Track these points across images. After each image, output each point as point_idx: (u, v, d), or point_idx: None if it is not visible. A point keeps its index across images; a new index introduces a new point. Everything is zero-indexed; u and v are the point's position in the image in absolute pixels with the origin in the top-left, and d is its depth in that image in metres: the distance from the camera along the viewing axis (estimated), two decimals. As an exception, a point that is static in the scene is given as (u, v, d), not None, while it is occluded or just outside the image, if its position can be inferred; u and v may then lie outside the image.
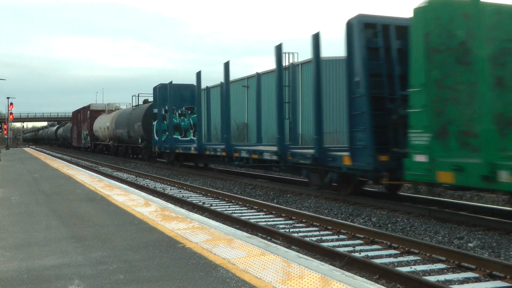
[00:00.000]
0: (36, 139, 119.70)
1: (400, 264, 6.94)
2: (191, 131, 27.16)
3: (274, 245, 5.92)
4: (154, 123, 27.28)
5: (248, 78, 44.80)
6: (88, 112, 47.83)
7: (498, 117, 8.52)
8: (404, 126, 10.36)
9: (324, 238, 8.60)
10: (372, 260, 6.93)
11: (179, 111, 27.08)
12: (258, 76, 23.47)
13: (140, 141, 31.00)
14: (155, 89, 27.42)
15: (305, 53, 41.31)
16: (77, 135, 55.13)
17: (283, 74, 16.20)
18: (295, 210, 11.02)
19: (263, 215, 11.22)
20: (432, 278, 6.14)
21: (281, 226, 9.72)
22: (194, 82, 24.09)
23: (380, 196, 12.98)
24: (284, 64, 16.49)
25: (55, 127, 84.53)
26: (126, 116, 34.42)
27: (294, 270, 4.62)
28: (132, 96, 35.64)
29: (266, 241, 6.11)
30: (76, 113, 57.22)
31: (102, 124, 41.86)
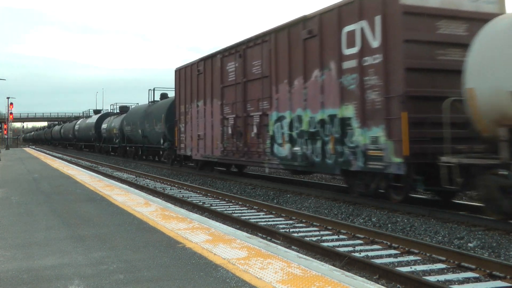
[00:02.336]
0: (42, 139, 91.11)
1: (400, 264, 6.94)
2: None
3: (274, 245, 5.92)
4: None
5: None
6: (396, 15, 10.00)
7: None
8: None
9: (324, 238, 8.60)
10: (372, 260, 6.93)
11: None
12: None
13: None
14: None
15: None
16: (229, 128, 17.36)
17: None
18: (295, 210, 11.03)
19: (263, 215, 11.21)
20: (432, 278, 6.14)
21: (281, 226, 9.72)
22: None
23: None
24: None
25: (89, 119, 46.73)
26: None
27: (294, 270, 4.61)
28: None
29: (266, 241, 6.11)
30: (217, 58, 18.21)
31: None
